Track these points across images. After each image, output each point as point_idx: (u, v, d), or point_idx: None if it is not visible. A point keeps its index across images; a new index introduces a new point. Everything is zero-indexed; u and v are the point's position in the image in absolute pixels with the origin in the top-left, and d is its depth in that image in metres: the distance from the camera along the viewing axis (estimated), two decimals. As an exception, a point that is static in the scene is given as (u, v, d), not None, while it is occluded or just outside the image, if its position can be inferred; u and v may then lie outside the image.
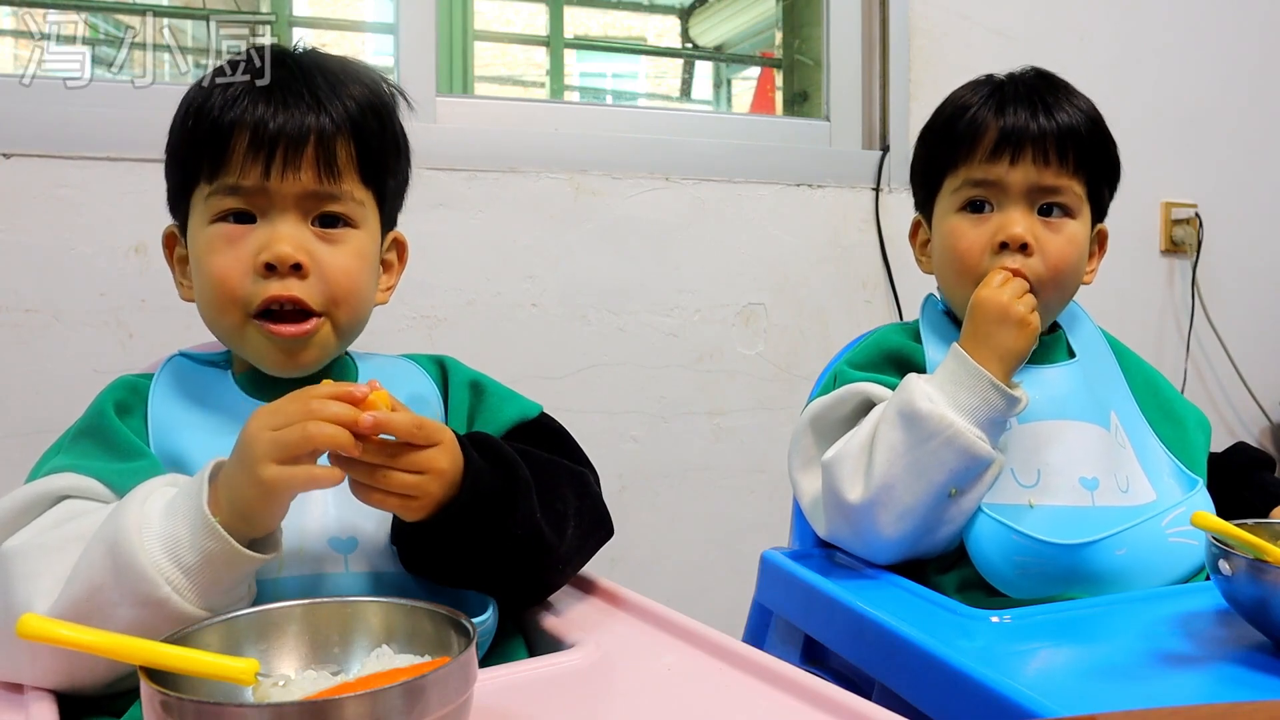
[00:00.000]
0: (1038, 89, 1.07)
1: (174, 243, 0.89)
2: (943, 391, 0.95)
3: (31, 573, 0.68)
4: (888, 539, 0.97)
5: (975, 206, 1.06)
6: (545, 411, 0.94)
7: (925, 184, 1.13)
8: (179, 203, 0.87)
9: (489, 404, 0.91)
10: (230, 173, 0.81)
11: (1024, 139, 1.03)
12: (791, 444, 1.06)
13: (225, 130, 0.81)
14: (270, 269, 0.80)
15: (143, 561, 0.65)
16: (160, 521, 0.67)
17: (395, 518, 0.77)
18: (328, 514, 0.79)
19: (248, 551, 0.67)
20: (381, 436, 0.70)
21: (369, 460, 0.69)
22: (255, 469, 0.66)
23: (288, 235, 0.81)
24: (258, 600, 0.72)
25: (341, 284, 0.83)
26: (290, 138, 0.80)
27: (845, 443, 0.99)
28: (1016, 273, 1.02)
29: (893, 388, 1.00)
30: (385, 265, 0.93)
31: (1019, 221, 1.03)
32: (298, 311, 0.82)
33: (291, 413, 0.68)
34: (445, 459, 0.72)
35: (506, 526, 0.76)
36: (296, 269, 0.80)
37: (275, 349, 0.82)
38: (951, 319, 1.12)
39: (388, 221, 0.91)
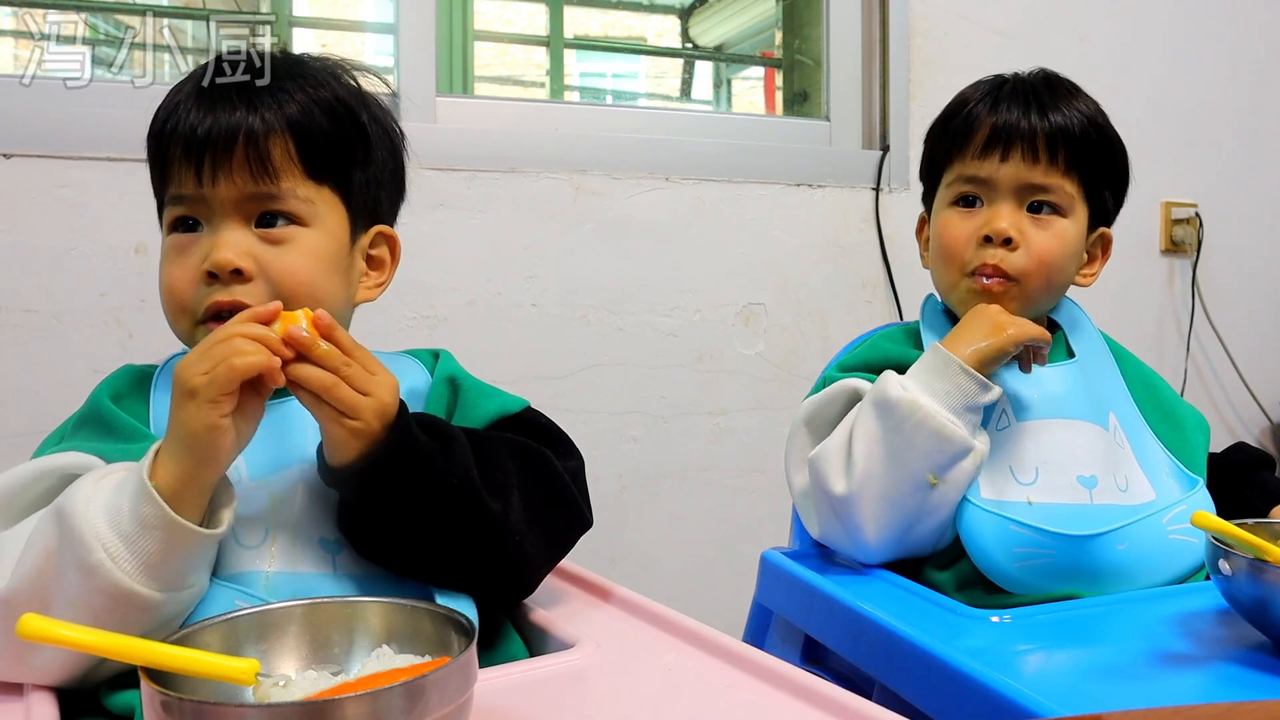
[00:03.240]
0: (1037, 88, 1.08)
1: None
2: (916, 380, 0.97)
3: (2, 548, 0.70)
4: (873, 531, 0.97)
5: (966, 201, 1.08)
6: (532, 407, 0.91)
7: (929, 180, 1.16)
8: (160, 212, 0.87)
9: (466, 399, 0.89)
10: (173, 182, 0.82)
11: (1014, 136, 1.05)
12: (787, 444, 1.07)
13: (165, 140, 0.82)
14: (213, 277, 0.80)
15: (82, 527, 0.65)
16: (109, 494, 0.68)
17: (339, 507, 0.77)
18: (319, 514, 0.78)
19: (183, 520, 0.66)
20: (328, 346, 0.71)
21: (323, 365, 0.70)
22: (202, 413, 0.67)
23: (228, 241, 0.80)
24: (243, 596, 0.72)
25: (289, 284, 0.81)
26: (217, 142, 0.80)
27: (830, 438, 1.00)
28: (995, 269, 1.04)
29: None
30: (375, 262, 0.91)
31: (1005, 216, 1.05)
32: None
33: (217, 354, 0.69)
34: (386, 392, 0.73)
35: (440, 476, 0.74)
36: (238, 274, 0.80)
37: None
38: (950, 317, 1.12)
39: (365, 216, 0.88)
